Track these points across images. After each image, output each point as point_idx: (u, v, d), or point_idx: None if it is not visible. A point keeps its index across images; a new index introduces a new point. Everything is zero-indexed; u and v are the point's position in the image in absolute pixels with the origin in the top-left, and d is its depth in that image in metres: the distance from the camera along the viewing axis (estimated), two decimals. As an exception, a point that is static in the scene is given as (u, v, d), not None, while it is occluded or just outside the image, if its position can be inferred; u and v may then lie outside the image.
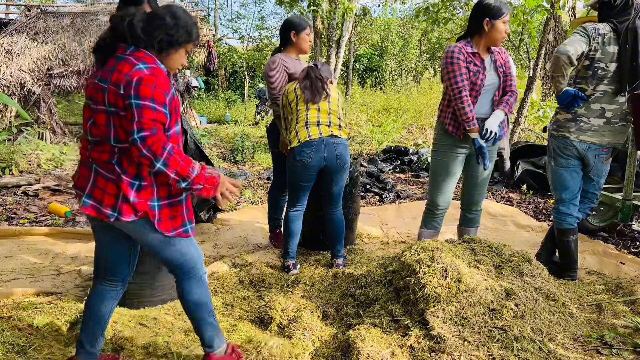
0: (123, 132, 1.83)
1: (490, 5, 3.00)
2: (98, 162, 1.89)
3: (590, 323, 2.68)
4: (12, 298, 2.86)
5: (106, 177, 1.88)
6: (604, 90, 3.06)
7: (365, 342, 2.28)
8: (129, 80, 1.77)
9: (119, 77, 1.80)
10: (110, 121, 1.84)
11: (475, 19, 3.05)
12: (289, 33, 3.65)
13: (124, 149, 1.85)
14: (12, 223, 4.50)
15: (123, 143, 1.84)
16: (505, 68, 3.16)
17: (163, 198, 1.93)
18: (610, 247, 4.05)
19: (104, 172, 1.88)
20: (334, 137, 3.28)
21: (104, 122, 1.85)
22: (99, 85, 1.85)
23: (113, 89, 1.80)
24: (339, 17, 10.58)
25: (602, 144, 3.13)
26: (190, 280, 2.08)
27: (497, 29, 2.99)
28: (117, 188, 1.86)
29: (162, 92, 1.80)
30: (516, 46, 8.92)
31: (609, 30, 3.00)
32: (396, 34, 21.18)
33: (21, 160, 6.67)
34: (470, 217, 3.45)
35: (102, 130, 1.86)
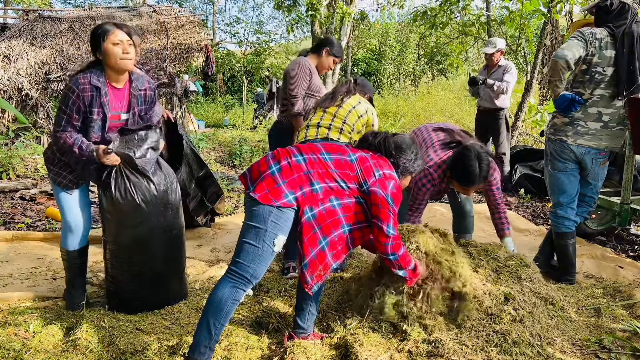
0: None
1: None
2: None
3: (588, 327, 2.68)
4: (8, 303, 2.84)
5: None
6: (601, 94, 3.07)
7: (364, 346, 2.27)
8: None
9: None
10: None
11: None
12: (323, 47, 3.71)
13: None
14: (9, 228, 4.48)
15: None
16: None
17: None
18: (609, 251, 4.05)
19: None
20: (330, 140, 3.22)
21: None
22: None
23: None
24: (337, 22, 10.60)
25: (600, 148, 3.13)
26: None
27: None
28: None
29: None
30: (514, 50, 8.95)
31: (606, 34, 3.01)
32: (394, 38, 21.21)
33: (18, 165, 6.65)
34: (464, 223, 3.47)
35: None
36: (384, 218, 2.14)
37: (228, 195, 5.82)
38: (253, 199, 2.10)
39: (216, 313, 2.10)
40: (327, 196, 2.15)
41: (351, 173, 2.18)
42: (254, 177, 2.15)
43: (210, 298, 2.12)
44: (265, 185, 2.10)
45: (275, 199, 2.07)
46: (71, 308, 2.78)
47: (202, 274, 3.41)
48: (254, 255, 2.09)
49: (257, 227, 2.09)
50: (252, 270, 2.11)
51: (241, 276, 2.11)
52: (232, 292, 2.10)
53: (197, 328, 2.14)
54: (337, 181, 2.17)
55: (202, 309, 2.15)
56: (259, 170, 2.15)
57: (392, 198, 2.16)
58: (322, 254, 2.16)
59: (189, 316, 2.80)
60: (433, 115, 12.10)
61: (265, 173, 2.12)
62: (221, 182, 6.29)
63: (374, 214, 2.17)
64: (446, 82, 17.97)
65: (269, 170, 2.13)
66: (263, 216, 2.08)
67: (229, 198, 5.74)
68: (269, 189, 2.09)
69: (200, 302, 2.96)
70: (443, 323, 2.44)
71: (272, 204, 2.07)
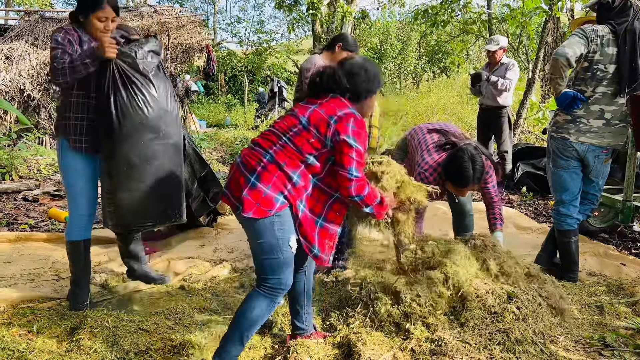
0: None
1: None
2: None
3: (591, 325, 2.68)
4: (12, 304, 2.85)
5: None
6: (603, 92, 3.06)
7: (367, 345, 2.27)
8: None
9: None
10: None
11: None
12: (336, 43, 3.70)
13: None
14: (12, 228, 4.49)
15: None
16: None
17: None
18: (611, 249, 4.04)
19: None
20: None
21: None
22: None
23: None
24: (337, 20, 10.60)
25: (602, 145, 3.13)
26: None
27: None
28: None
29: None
30: (515, 48, 8.94)
31: (608, 31, 3.01)
32: (395, 37, 21.19)
33: (21, 166, 6.67)
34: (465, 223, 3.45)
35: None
36: (346, 163, 2.06)
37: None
38: (248, 218, 2.04)
39: (251, 327, 2.14)
40: (307, 179, 2.11)
41: (311, 139, 2.07)
42: (237, 195, 2.07)
43: (245, 313, 2.13)
44: (252, 199, 2.03)
45: (269, 209, 2.03)
46: (75, 308, 2.79)
47: (205, 273, 3.41)
48: (278, 266, 2.10)
49: (268, 242, 2.06)
50: (284, 279, 2.13)
51: (276, 289, 2.12)
52: (269, 305, 2.14)
53: (227, 339, 2.15)
54: (307, 159, 2.08)
55: (234, 321, 2.15)
56: (239, 186, 2.07)
57: (354, 137, 2.06)
58: (324, 230, 2.17)
59: (192, 316, 2.81)
60: (435, 114, 12.07)
61: (246, 187, 2.04)
62: (223, 182, 6.29)
63: (337, 161, 2.09)
64: (448, 81, 17.94)
65: (248, 182, 2.05)
66: (267, 229, 2.05)
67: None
68: (259, 202, 2.03)
69: (203, 302, 2.97)
70: (446, 322, 2.44)
71: (269, 215, 2.03)
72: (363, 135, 2.09)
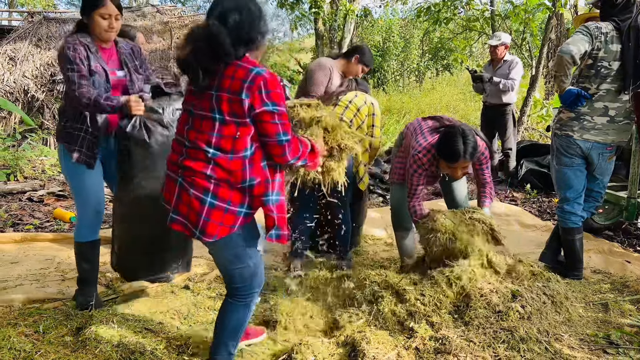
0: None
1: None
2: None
3: (596, 322, 2.68)
4: (18, 304, 2.87)
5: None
6: (607, 89, 3.05)
7: (371, 344, 2.28)
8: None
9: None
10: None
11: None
12: (354, 54, 3.71)
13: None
14: (18, 229, 4.51)
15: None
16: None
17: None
18: (616, 246, 4.03)
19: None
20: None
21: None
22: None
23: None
24: (340, 18, 10.59)
25: (606, 143, 3.12)
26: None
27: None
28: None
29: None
30: (518, 45, 8.91)
31: (612, 28, 3.00)
32: (398, 34, 21.11)
33: (26, 166, 6.69)
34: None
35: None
36: (272, 131, 1.87)
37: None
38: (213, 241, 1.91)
39: (234, 335, 2.12)
40: (260, 173, 1.92)
41: (237, 133, 1.87)
42: (195, 220, 1.87)
43: (224, 324, 2.09)
44: (215, 220, 1.86)
45: (233, 224, 1.90)
46: (81, 308, 2.81)
47: (210, 272, 3.42)
48: (249, 273, 2.04)
49: (235, 253, 1.98)
50: (256, 283, 2.09)
51: (249, 294, 2.09)
52: (245, 311, 2.11)
53: (215, 349, 2.13)
54: (245, 151, 1.88)
55: (216, 335, 2.13)
56: (196, 211, 1.86)
57: (271, 101, 1.84)
58: (280, 206, 1.99)
59: (198, 315, 2.82)
60: (438, 111, 12.04)
61: (204, 209, 1.85)
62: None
63: (261, 132, 1.89)
64: (451, 78, 17.90)
65: (205, 204, 1.86)
66: (233, 242, 1.96)
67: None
68: (221, 221, 1.88)
69: (208, 301, 2.98)
70: (450, 320, 2.45)
71: (234, 231, 1.91)
72: (279, 92, 1.88)
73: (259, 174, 1.91)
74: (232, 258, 1.99)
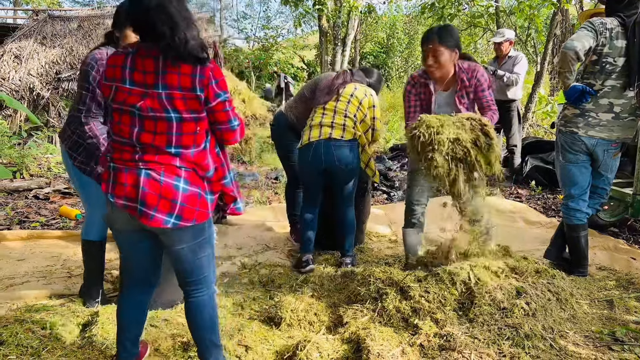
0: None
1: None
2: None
3: (601, 319, 2.67)
4: (25, 301, 2.89)
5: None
6: (612, 85, 3.04)
7: (376, 340, 2.28)
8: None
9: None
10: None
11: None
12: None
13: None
14: (24, 226, 4.55)
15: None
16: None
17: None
18: (621, 243, 4.02)
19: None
20: (333, 140, 3.23)
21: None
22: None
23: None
24: (344, 15, 10.57)
25: (611, 139, 3.11)
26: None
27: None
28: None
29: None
30: (523, 41, 8.87)
31: (617, 24, 2.98)
32: (402, 31, 21.08)
33: (32, 164, 6.73)
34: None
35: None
36: (226, 119, 1.89)
37: (238, 192, 5.85)
38: (189, 226, 1.87)
39: (212, 329, 2.07)
40: (213, 153, 1.94)
41: (197, 129, 1.84)
42: (169, 208, 1.82)
43: (198, 323, 2.05)
44: (192, 205, 1.85)
45: (209, 209, 1.93)
46: (87, 305, 2.83)
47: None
48: (209, 261, 2.04)
49: (202, 241, 1.97)
50: (213, 273, 2.08)
51: (208, 285, 2.06)
52: (211, 302, 2.07)
53: (202, 353, 2.09)
54: (205, 143, 1.89)
55: (195, 338, 2.10)
56: (170, 199, 1.81)
57: (222, 90, 1.84)
58: (235, 182, 2.07)
59: (202, 312, 2.83)
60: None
61: (178, 195, 1.82)
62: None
63: (215, 121, 1.89)
64: (455, 74, 17.84)
65: (179, 190, 1.82)
66: (203, 230, 1.96)
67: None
68: (198, 206, 1.87)
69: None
70: (455, 317, 2.45)
71: (209, 216, 1.95)
72: (224, 79, 1.88)
73: (216, 160, 1.94)
74: (196, 247, 1.96)
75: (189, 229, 1.89)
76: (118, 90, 1.82)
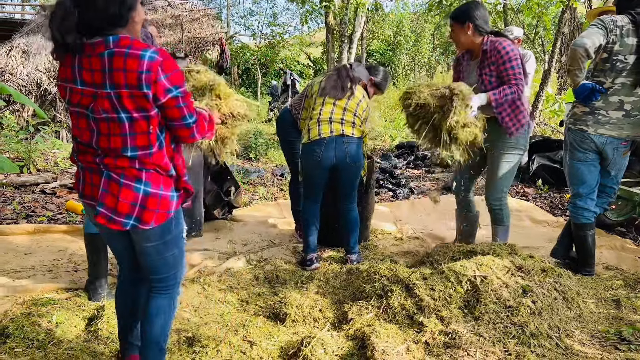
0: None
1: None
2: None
3: (607, 319, 2.66)
4: (31, 294, 2.91)
5: None
6: (622, 83, 3.01)
7: (381, 337, 2.28)
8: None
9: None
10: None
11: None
12: (368, 74, 3.66)
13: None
14: (31, 221, 4.57)
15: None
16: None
17: None
18: (628, 242, 3.99)
19: None
20: (345, 137, 3.26)
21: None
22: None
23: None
24: (351, 12, 10.54)
25: (621, 137, 3.08)
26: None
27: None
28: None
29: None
30: (531, 39, 8.81)
31: (627, 22, 2.95)
32: (409, 28, 21.02)
33: (38, 159, 6.76)
34: (491, 214, 3.45)
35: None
36: (179, 115, 1.79)
37: (244, 188, 5.86)
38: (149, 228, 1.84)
39: (162, 331, 2.02)
40: (168, 150, 1.88)
41: (149, 127, 1.76)
42: (128, 210, 1.78)
43: (150, 319, 1.99)
44: (151, 207, 1.81)
45: (169, 209, 1.87)
46: (93, 299, 2.84)
47: (219, 266, 3.44)
48: (175, 260, 1.99)
49: (165, 241, 1.92)
50: (180, 272, 2.04)
51: (173, 285, 2.03)
52: (170, 302, 2.04)
53: (144, 350, 2.03)
54: (159, 140, 1.81)
55: (143, 337, 2.02)
56: (129, 201, 1.77)
57: (172, 85, 1.73)
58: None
59: (208, 308, 2.83)
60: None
61: (139, 198, 1.78)
62: (237, 174, 6.33)
63: (168, 118, 1.80)
64: (462, 72, 17.75)
65: (139, 192, 1.78)
66: (167, 230, 1.90)
67: (245, 191, 5.78)
68: (158, 208, 1.82)
69: (218, 293, 3.00)
70: (460, 315, 2.44)
71: (170, 216, 1.88)
72: (177, 71, 1.75)
73: (173, 157, 1.89)
74: (161, 246, 1.91)
75: (148, 231, 1.85)
76: (72, 92, 1.75)
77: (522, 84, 3.03)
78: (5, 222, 4.49)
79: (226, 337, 2.43)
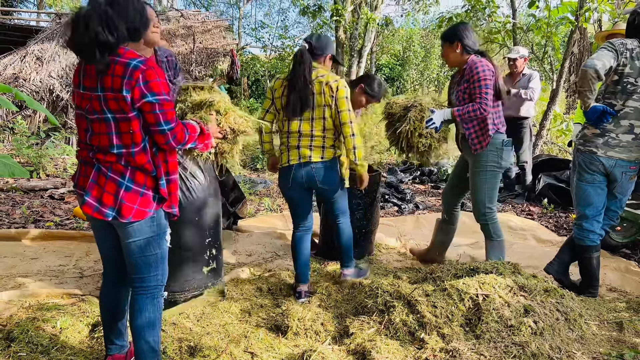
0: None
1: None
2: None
3: (609, 341, 2.65)
4: (37, 299, 2.94)
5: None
6: (633, 107, 3.01)
7: (381, 353, 2.29)
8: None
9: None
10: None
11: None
12: (359, 83, 3.63)
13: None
14: (39, 225, 4.62)
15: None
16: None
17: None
18: (633, 264, 3.97)
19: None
20: (313, 163, 3.02)
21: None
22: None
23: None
24: (361, 27, 10.64)
25: (630, 160, 3.08)
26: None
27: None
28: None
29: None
30: (540, 59, 8.84)
31: (637, 45, 2.97)
32: (418, 44, 21.14)
33: (48, 164, 6.84)
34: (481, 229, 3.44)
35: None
36: (154, 121, 1.92)
37: (250, 199, 5.89)
38: (126, 222, 1.96)
39: (151, 332, 2.10)
40: (151, 152, 1.99)
41: (133, 128, 1.92)
42: (111, 202, 1.93)
43: (137, 322, 2.09)
44: (130, 203, 1.94)
45: (149, 208, 1.99)
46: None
47: (224, 276, 3.46)
48: (155, 262, 2.08)
49: (145, 239, 2.02)
50: (161, 275, 2.12)
51: (155, 286, 2.11)
52: (154, 303, 2.11)
53: (136, 348, 2.11)
54: (143, 142, 1.95)
55: (133, 336, 2.12)
56: (112, 194, 1.93)
57: (151, 92, 1.87)
58: (173, 185, 2.10)
59: (211, 318, 2.85)
60: (456, 122, 11.99)
61: (120, 192, 1.93)
62: (243, 185, 6.37)
63: (146, 122, 1.94)
64: (470, 89, 17.78)
65: (122, 187, 1.94)
66: (144, 228, 2.01)
67: (250, 201, 5.81)
68: (137, 204, 1.96)
69: (222, 303, 3.02)
70: (461, 333, 2.44)
71: (149, 215, 1.99)
72: (158, 81, 1.91)
73: (155, 160, 2.00)
74: (142, 244, 2.03)
75: (128, 226, 1.98)
76: (77, 96, 2.00)
77: (487, 103, 3.09)
78: (14, 226, 4.54)
79: (228, 348, 2.45)
